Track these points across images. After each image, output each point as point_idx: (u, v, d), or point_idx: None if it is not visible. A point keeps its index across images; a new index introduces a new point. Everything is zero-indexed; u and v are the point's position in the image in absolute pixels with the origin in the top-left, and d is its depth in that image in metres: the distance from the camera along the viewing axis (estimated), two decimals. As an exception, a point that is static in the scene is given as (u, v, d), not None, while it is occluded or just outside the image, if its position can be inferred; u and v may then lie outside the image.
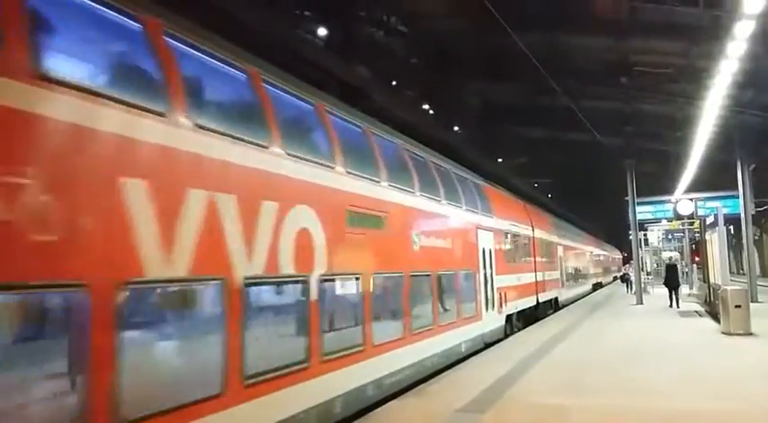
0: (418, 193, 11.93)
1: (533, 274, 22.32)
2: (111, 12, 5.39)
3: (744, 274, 35.08)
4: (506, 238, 18.82)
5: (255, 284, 6.71)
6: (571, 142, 39.98)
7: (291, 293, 7.73)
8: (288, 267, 7.32)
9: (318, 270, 7.92)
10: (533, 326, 20.07)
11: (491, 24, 18.37)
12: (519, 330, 18.75)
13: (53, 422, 4.50)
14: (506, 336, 17.37)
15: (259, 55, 7.84)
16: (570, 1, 22.61)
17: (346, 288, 9.13)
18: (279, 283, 7.47)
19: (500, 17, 15.24)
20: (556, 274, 27.61)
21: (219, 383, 5.92)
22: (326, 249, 8.12)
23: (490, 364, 12.51)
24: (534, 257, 22.85)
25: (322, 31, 23.98)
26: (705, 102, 21.96)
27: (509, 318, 18.12)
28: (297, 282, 7.58)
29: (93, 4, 5.25)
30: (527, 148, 47.63)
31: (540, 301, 23.02)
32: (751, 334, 15.19)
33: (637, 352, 13.51)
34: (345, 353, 8.56)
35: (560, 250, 29.66)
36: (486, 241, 16.31)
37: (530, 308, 21.19)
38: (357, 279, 9.19)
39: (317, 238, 7.96)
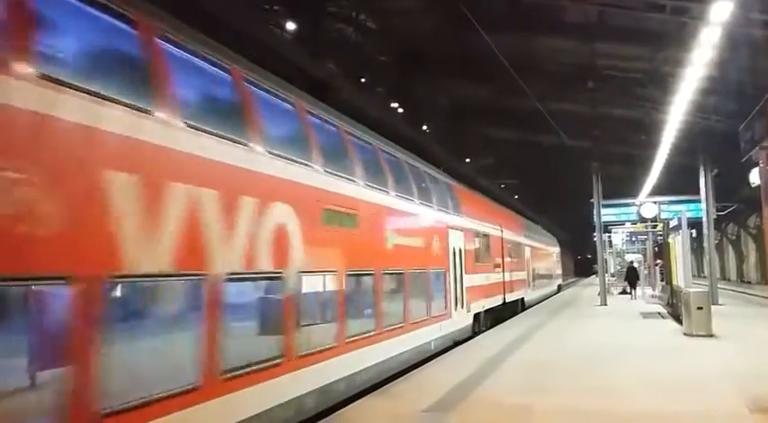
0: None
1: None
2: None
3: (705, 277, 35.68)
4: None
5: None
6: (538, 144, 40.30)
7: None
8: None
9: None
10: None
11: (462, 24, 18.42)
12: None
13: None
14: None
15: (229, 48, 7.70)
16: (540, 4, 22.73)
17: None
18: None
19: (471, 17, 15.24)
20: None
21: None
22: None
23: (455, 365, 12.45)
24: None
25: (291, 26, 23.71)
26: (670, 107, 22.25)
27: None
28: None
29: None
30: (495, 148, 47.93)
31: None
32: (712, 335, 15.39)
33: (600, 353, 13.54)
34: None
35: None
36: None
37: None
38: None
39: None
